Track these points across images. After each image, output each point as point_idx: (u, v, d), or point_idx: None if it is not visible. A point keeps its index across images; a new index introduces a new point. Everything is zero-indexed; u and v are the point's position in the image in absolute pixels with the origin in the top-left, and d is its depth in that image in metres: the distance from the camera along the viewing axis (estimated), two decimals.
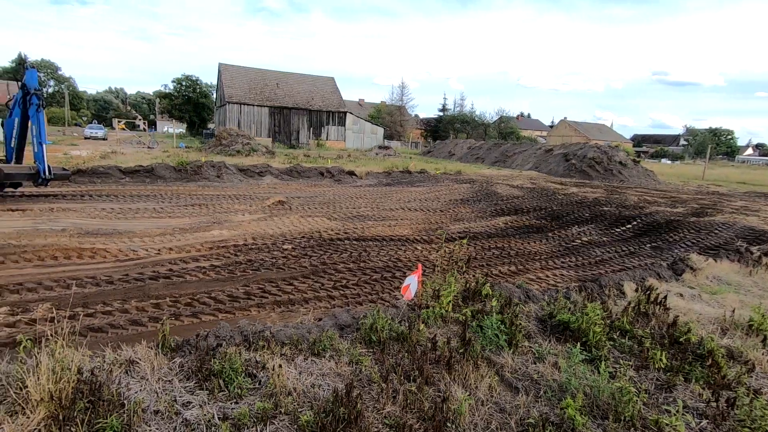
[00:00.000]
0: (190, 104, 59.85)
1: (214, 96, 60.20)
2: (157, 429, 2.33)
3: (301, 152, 37.76)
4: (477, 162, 40.75)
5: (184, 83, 59.67)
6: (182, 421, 2.40)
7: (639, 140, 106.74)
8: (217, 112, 56.49)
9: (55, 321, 5.00)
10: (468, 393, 2.79)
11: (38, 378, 2.31)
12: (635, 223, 13.55)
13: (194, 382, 2.74)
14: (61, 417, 2.23)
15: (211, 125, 63.76)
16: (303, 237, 9.59)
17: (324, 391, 2.76)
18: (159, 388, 2.65)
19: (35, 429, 2.18)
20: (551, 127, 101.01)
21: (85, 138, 39.89)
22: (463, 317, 3.57)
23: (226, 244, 8.69)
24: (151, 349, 3.07)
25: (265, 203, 13.51)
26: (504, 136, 68.86)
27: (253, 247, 8.62)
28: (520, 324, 3.71)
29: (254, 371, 2.89)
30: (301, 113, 50.52)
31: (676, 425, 2.61)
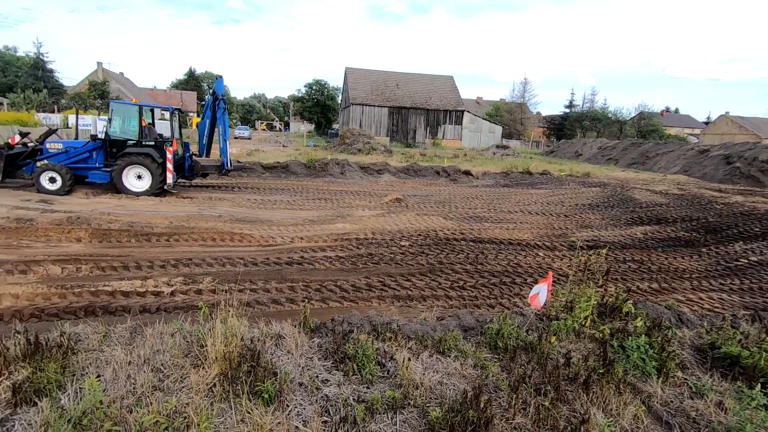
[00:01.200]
0: (318, 106, 65.26)
1: (339, 98, 64.63)
2: (302, 399, 2.61)
3: (418, 151, 38.38)
4: (609, 163, 36.63)
5: (314, 87, 65.30)
6: (322, 396, 2.63)
7: None
8: (341, 113, 60.58)
9: (216, 292, 5.94)
10: (610, 419, 2.54)
11: (214, 340, 2.76)
12: None
13: (331, 362, 2.99)
14: (230, 375, 2.64)
15: (335, 125, 68.69)
16: (419, 235, 9.75)
17: (450, 390, 2.77)
18: (302, 363, 2.95)
19: (211, 382, 2.62)
20: (707, 123, 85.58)
21: (235, 138, 46.57)
22: (601, 335, 3.25)
23: (349, 237, 9.27)
24: (295, 327, 3.44)
25: (383, 200, 14.08)
26: (644, 134, 60.53)
27: (373, 241, 9.05)
28: (673, 351, 3.23)
29: (383, 360, 3.04)
30: (418, 112, 51.34)
31: None
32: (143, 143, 12.27)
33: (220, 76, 14.44)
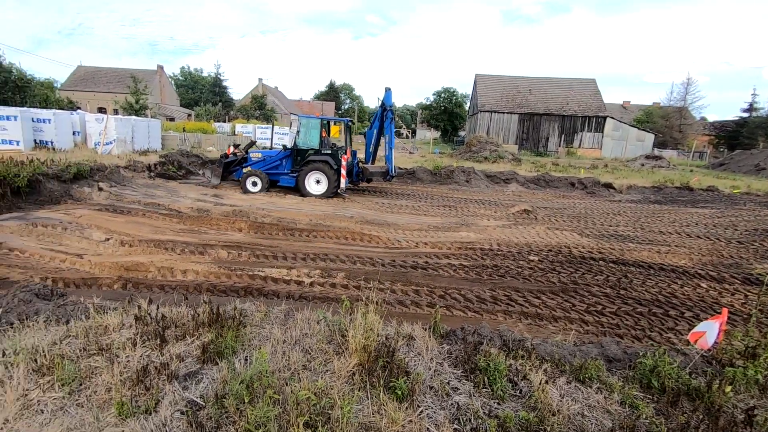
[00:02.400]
0: (445, 113, 65.73)
1: (467, 105, 64.08)
2: (432, 402, 2.66)
3: (549, 160, 35.84)
4: None
5: (443, 95, 65.96)
6: (452, 404, 2.65)
7: None
8: (468, 120, 59.92)
9: (348, 287, 6.41)
10: None
11: (354, 332, 3.00)
12: None
13: (461, 371, 2.99)
14: (367, 367, 2.83)
15: (462, 132, 68.25)
16: (550, 250, 9.10)
17: (592, 424, 2.53)
18: (432, 366, 3.02)
19: (351, 370, 2.85)
20: None
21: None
22: None
23: (473, 246, 9.12)
24: (425, 330, 3.52)
25: (509, 210, 13.50)
26: None
27: (498, 252, 8.75)
28: None
29: (515, 378, 2.93)
30: (552, 119, 47.96)
31: None
32: (322, 152, 14.10)
33: (389, 88, 15.25)
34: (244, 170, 14.63)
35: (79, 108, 30.49)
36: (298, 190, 14.10)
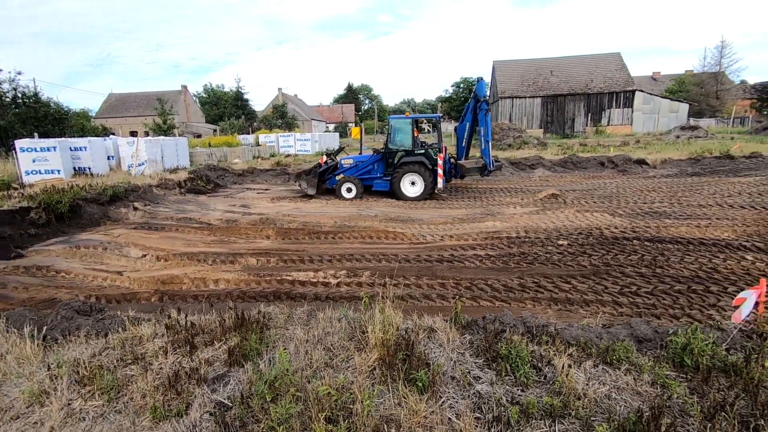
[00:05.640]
0: (465, 104, 64.94)
1: (488, 93, 62.97)
2: (454, 392, 2.66)
3: (577, 141, 34.70)
4: None
5: (461, 86, 65.13)
6: (474, 393, 2.64)
7: None
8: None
9: (373, 285, 6.46)
10: None
11: (374, 327, 3.03)
12: None
13: (483, 360, 2.97)
14: (387, 361, 2.86)
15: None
16: (580, 233, 8.83)
17: (620, 406, 2.45)
18: (453, 357, 3.00)
19: (372, 365, 2.88)
20: None
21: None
22: None
23: (500, 235, 8.97)
24: (446, 322, 3.51)
25: (537, 196, 13.19)
26: None
27: (525, 240, 8.58)
28: None
29: (539, 364, 2.87)
30: (577, 99, 46.39)
31: None
32: (415, 152, 13.64)
33: (481, 78, 14.55)
34: (337, 178, 14.60)
35: (113, 133, 32.11)
36: (393, 193, 13.70)
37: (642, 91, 46.79)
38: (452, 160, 14.65)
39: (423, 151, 13.58)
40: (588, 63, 49.27)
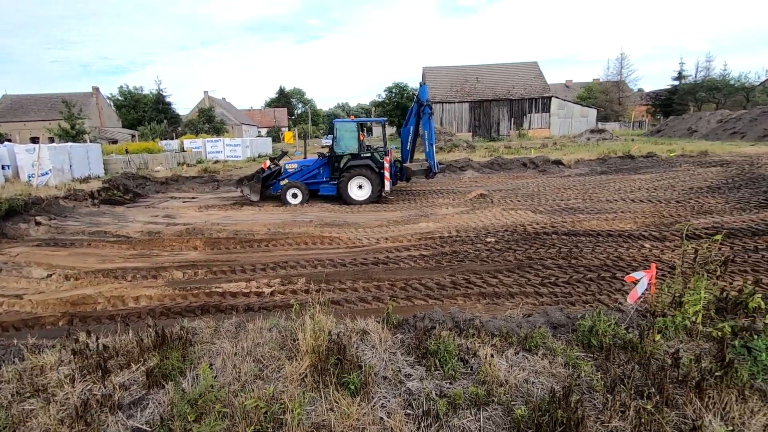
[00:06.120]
0: (399, 109, 66.17)
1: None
2: (385, 392, 2.70)
3: (502, 144, 36.90)
4: (733, 138, 31.50)
5: (393, 90, 66.38)
6: (406, 390, 2.70)
7: None
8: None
9: (309, 292, 6.36)
10: (731, 428, 2.22)
11: (305, 334, 2.99)
12: None
13: (413, 357, 3.05)
14: (319, 367, 2.83)
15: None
16: (506, 230, 9.39)
17: (537, 389, 2.65)
18: (386, 357, 3.05)
19: (303, 372, 2.83)
20: None
21: (322, 147, 49.30)
22: (720, 333, 2.85)
23: (433, 235, 9.27)
24: (378, 323, 3.56)
25: (467, 197, 13.81)
26: None
27: (457, 239, 8.94)
28: None
29: (466, 357, 3.01)
30: (501, 104, 49.37)
31: None
32: (362, 156, 13.68)
33: (424, 84, 14.85)
34: (282, 183, 14.20)
35: (8, 140, 28.44)
36: (341, 197, 13.69)
37: (557, 97, 50.94)
38: (397, 163, 15.01)
39: (369, 154, 13.74)
40: (509, 71, 52.70)
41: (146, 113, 53.86)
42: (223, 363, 3.00)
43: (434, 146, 14.57)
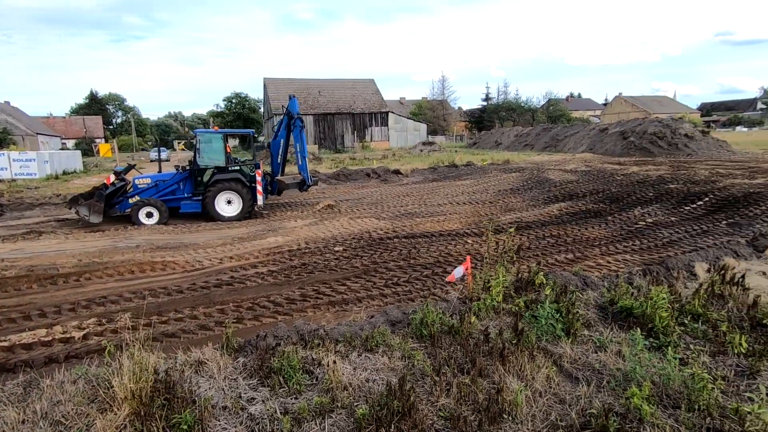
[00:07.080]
0: (240, 120, 63.06)
1: (262, 109, 62.95)
2: (225, 423, 2.51)
3: (347, 156, 38.46)
4: (526, 149, 39.31)
5: (233, 101, 63.03)
6: (248, 416, 2.55)
7: (708, 109, 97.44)
8: (265, 125, 58.97)
9: (137, 329, 5.50)
10: (524, 384, 2.73)
11: (121, 378, 2.57)
12: (707, 199, 12.42)
13: (257, 379, 2.91)
14: (142, 413, 2.47)
15: (261, 138, 66.69)
16: (353, 238, 9.78)
17: (378, 385, 2.81)
18: (225, 385, 2.84)
19: (121, 424, 2.43)
20: (605, 105, 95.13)
21: (151, 161, 43.36)
22: (516, 308, 3.49)
23: (281, 249, 9.06)
24: (217, 350, 3.29)
25: (315, 208, 13.93)
26: (553, 119, 65.85)
27: (306, 251, 8.93)
28: (578, 312, 3.55)
29: (311, 368, 3.01)
30: (344, 117, 51.46)
31: (759, 413, 2.38)
32: (229, 169, 12.41)
33: (294, 96, 14.33)
34: (131, 200, 12.01)
35: None
36: (207, 214, 12.25)
37: (393, 113, 55.67)
38: (267, 176, 14.41)
39: (238, 168, 12.90)
40: (349, 86, 55.43)
41: None
42: None
43: (307, 159, 14.67)
